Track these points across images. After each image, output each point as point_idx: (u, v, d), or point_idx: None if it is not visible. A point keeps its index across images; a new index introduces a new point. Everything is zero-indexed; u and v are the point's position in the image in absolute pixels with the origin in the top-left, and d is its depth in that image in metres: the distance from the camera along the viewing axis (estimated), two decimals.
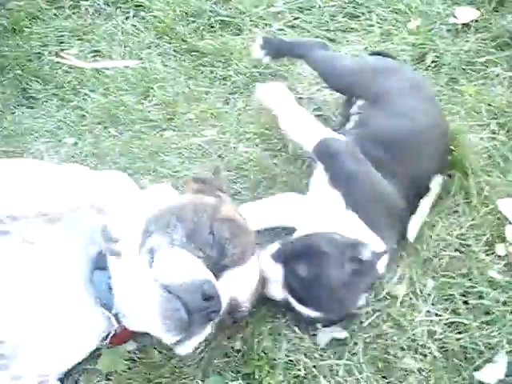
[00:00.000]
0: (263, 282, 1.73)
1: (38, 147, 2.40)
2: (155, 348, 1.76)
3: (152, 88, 2.50)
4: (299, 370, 1.67)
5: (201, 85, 2.51)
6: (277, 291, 1.75)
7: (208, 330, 1.52)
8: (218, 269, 1.53)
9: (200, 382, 1.68)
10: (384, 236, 1.78)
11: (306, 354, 1.70)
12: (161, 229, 1.55)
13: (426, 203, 1.89)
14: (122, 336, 1.69)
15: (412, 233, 1.85)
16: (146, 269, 1.49)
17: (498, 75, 2.29)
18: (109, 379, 1.75)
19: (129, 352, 1.78)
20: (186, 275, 1.45)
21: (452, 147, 1.99)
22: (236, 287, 1.57)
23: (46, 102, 2.62)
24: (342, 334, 1.73)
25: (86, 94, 2.57)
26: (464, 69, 2.33)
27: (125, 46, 2.72)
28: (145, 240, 1.55)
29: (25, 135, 2.48)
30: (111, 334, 1.67)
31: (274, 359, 1.69)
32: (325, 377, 1.65)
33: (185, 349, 1.53)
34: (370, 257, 1.69)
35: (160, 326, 1.44)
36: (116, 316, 1.61)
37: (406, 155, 1.88)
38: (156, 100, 2.47)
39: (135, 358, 1.77)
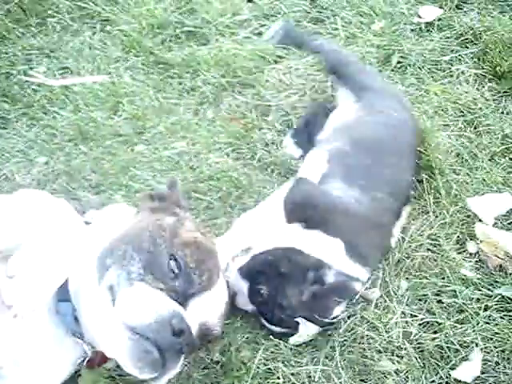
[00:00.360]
0: (233, 294, 1.74)
1: (9, 168, 2.39)
2: None
3: (121, 102, 2.49)
4: (278, 377, 1.68)
5: (170, 97, 2.50)
6: (245, 304, 1.77)
7: (181, 361, 1.48)
8: (184, 297, 1.49)
9: None
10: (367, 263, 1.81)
11: (283, 362, 1.70)
12: (117, 262, 1.51)
13: None
14: (99, 358, 1.69)
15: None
16: (109, 308, 1.46)
17: (463, 72, 2.32)
18: None
19: (108, 370, 1.77)
20: (152, 314, 1.41)
21: (420, 147, 2.01)
22: (205, 312, 1.54)
23: (17, 121, 2.60)
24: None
25: (55, 112, 2.55)
26: (429, 68, 2.35)
27: (93, 62, 2.71)
28: (103, 274, 1.51)
29: None
30: (87, 359, 1.66)
31: (253, 369, 1.70)
32: None
33: (161, 382, 1.49)
34: (334, 280, 1.72)
35: (133, 368, 1.41)
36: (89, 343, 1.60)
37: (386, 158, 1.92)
38: (126, 114, 2.46)
39: (115, 376, 1.76)
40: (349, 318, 1.75)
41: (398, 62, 2.40)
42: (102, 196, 2.18)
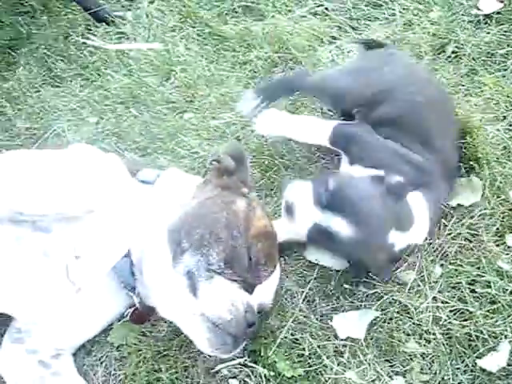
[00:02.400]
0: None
1: (60, 125, 2.45)
2: (165, 322, 1.80)
3: (174, 70, 2.53)
4: (304, 349, 1.70)
5: (222, 68, 2.52)
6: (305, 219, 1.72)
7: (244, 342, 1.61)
8: (252, 288, 1.60)
9: (208, 356, 1.72)
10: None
11: (311, 334, 1.73)
12: (195, 246, 1.57)
13: None
14: (141, 316, 1.76)
15: None
16: (189, 296, 1.55)
17: None
18: (119, 350, 1.81)
19: (140, 326, 1.82)
20: (232, 310, 1.52)
21: (468, 137, 1.99)
22: (264, 295, 1.64)
23: (71, 81, 2.67)
24: (359, 333, 1.73)
25: (109, 75, 2.61)
26: (484, 60, 2.31)
27: (149, 29, 2.75)
28: (178, 256, 1.58)
29: (48, 113, 2.53)
30: (131, 311, 1.75)
31: (281, 338, 1.73)
32: (328, 357, 1.68)
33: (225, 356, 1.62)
34: (397, 182, 1.73)
35: (207, 350, 1.57)
36: (138, 295, 1.70)
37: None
38: (177, 82, 2.49)
39: (145, 332, 1.81)
40: (381, 297, 1.76)
41: (453, 52, 2.37)
42: (148, 159, 2.23)
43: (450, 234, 1.86)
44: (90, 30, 2.84)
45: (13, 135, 2.49)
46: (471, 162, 1.96)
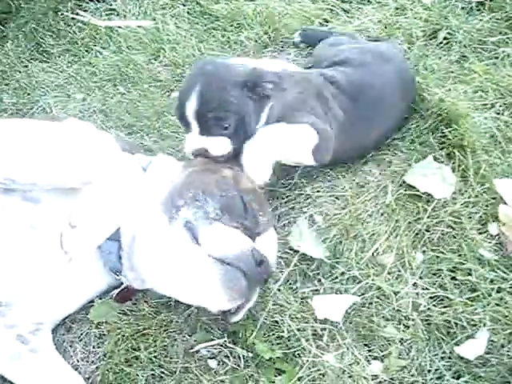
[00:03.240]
0: None
1: (47, 101, 2.44)
2: (145, 301, 1.80)
3: (163, 49, 2.52)
4: (283, 331, 1.70)
5: (211, 48, 2.51)
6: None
7: (257, 294, 1.62)
8: (252, 236, 1.61)
9: (187, 336, 1.72)
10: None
11: (290, 316, 1.72)
12: (190, 202, 1.59)
13: None
14: (125, 295, 1.78)
15: None
16: (192, 245, 1.54)
17: (508, 55, 2.26)
18: (99, 328, 1.80)
19: (120, 304, 1.82)
20: (237, 246, 1.52)
21: (454, 124, 1.99)
22: (266, 250, 1.62)
23: (59, 56, 2.66)
24: (337, 316, 1.73)
25: (98, 51, 2.60)
26: (475, 47, 2.30)
27: (139, 6, 2.73)
28: (173, 214, 1.58)
29: (35, 88, 2.52)
30: (117, 291, 1.77)
31: (260, 320, 1.73)
32: (307, 340, 1.68)
33: (238, 316, 1.63)
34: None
35: (224, 297, 1.52)
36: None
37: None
38: (166, 61, 2.48)
39: (125, 310, 1.81)
40: (360, 281, 1.76)
41: (445, 38, 2.36)
42: (134, 137, 2.22)
43: (432, 221, 1.86)
44: (80, 5, 2.83)
45: None
46: (454, 150, 1.95)
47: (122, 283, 1.75)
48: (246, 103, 1.77)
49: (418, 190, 1.91)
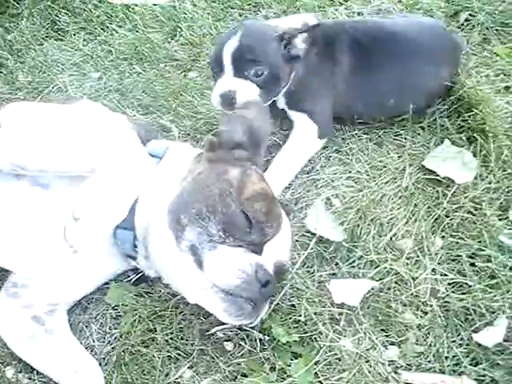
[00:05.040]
0: None
1: (63, 79, 2.42)
2: (162, 283, 1.80)
3: (180, 27, 2.49)
4: (300, 315, 1.69)
5: (229, 27, 2.47)
6: None
7: (267, 307, 1.60)
8: (260, 247, 1.57)
9: (203, 318, 1.72)
10: None
11: (307, 300, 1.71)
12: (194, 221, 1.55)
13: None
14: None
15: None
16: (195, 270, 1.52)
17: None
18: (115, 309, 1.80)
19: (136, 286, 1.82)
20: (240, 274, 1.49)
21: (475, 109, 1.96)
22: (278, 252, 1.61)
23: (75, 35, 2.64)
24: (354, 301, 1.71)
25: (113, 30, 2.57)
26: (497, 30, 2.26)
27: None
28: (179, 232, 1.56)
29: (51, 67, 2.50)
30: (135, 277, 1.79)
31: (277, 303, 1.72)
32: (324, 324, 1.67)
33: (254, 324, 1.60)
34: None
35: (229, 320, 1.53)
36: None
37: None
38: (183, 39, 2.46)
39: (142, 292, 1.81)
40: (378, 266, 1.75)
41: (466, 20, 2.32)
42: (150, 117, 2.20)
43: (452, 206, 1.84)
44: None
45: (14, 88, 2.45)
46: (475, 135, 1.92)
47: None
48: (280, 59, 1.90)
49: (438, 175, 1.89)
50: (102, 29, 2.60)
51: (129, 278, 1.80)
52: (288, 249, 1.67)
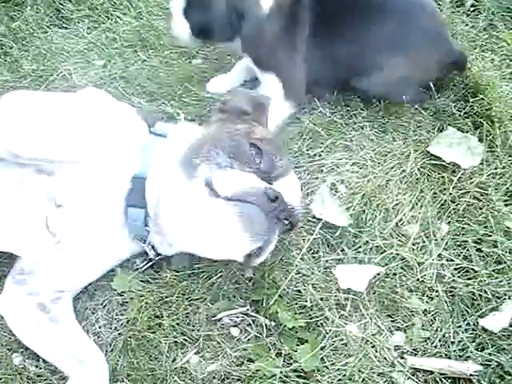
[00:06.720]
0: None
1: (67, 67, 2.41)
2: (168, 269, 1.80)
3: None
4: (306, 300, 1.70)
5: None
6: None
7: (277, 235, 1.58)
8: (269, 180, 1.58)
9: (210, 304, 1.72)
10: None
11: (313, 286, 1.72)
12: (204, 159, 1.57)
13: None
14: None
15: None
16: (210, 198, 1.52)
17: None
18: (122, 295, 1.80)
19: (142, 272, 1.82)
20: (249, 185, 1.51)
21: (480, 94, 1.95)
22: (288, 193, 1.60)
23: (79, 22, 2.63)
24: (361, 286, 1.72)
25: (118, 17, 2.56)
26: (503, 15, 2.26)
27: None
28: (192, 173, 1.56)
29: (55, 55, 2.49)
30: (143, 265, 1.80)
31: (283, 289, 1.72)
32: (330, 310, 1.68)
33: (260, 258, 1.59)
34: None
35: (245, 236, 1.49)
36: (150, 244, 1.74)
37: None
38: None
39: (148, 279, 1.81)
40: (383, 252, 1.75)
41: (472, 6, 2.31)
42: (155, 104, 2.20)
43: (458, 191, 1.84)
44: None
45: (19, 76, 2.44)
46: (481, 120, 1.91)
47: (145, 252, 1.75)
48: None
49: (444, 160, 1.88)
50: (106, 16, 2.58)
51: (136, 267, 1.80)
52: (299, 195, 1.68)
